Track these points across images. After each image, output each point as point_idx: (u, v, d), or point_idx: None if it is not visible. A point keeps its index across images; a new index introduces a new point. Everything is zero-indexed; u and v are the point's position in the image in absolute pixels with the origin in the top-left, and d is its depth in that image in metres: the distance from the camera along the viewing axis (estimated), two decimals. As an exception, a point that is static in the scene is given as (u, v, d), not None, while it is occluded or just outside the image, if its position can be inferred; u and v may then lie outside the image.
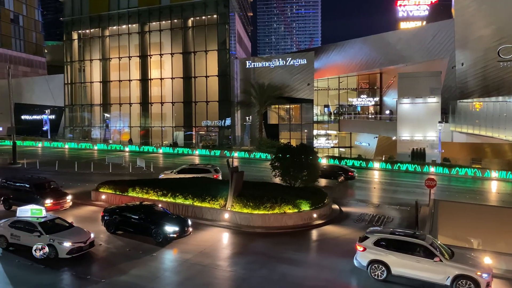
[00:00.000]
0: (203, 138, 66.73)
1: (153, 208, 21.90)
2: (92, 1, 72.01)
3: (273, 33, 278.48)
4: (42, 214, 19.14)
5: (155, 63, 68.34)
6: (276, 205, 23.07)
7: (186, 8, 65.31)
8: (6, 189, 26.45)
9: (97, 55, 72.40)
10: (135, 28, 69.04)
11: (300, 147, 29.05)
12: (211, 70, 64.41)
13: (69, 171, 41.62)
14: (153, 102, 68.64)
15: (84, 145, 66.39)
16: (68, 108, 75.44)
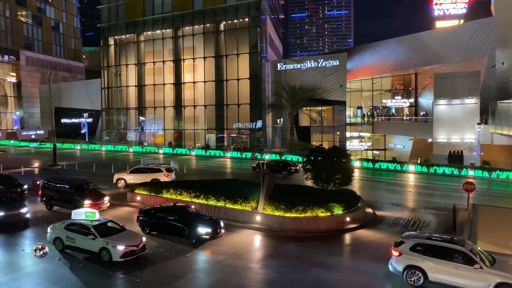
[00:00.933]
0: (234, 141, 67.23)
1: (186, 210, 22.22)
2: (127, 8, 74.14)
3: (304, 35, 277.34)
4: (96, 217, 19.31)
5: (188, 67, 69.52)
6: (308, 208, 22.91)
7: (218, 12, 66.10)
8: (48, 190, 27.54)
9: (133, 60, 74.41)
10: (169, 33, 70.49)
11: (333, 149, 28.71)
12: (243, 73, 64.86)
13: (106, 172, 42.83)
14: (186, 105, 69.82)
15: (120, 148, 68.30)
16: (105, 111, 77.86)
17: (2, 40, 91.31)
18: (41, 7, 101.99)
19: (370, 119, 68.63)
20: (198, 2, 67.54)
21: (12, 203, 23.93)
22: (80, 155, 61.90)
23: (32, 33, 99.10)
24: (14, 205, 23.77)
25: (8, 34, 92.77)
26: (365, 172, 45.53)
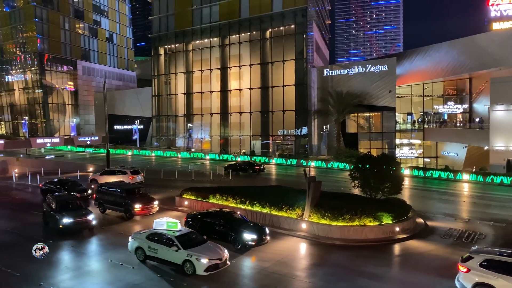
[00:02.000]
0: (279, 147, 67.18)
1: (232, 215, 22.43)
2: (177, 18, 76.56)
3: (351, 40, 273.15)
4: (178, 228, 18.64)
5: (234, 75, 70.54)
6: (355, 217, 22.38)
7: (264, 20, 66.67)
8: (101, 194, 28.82)
9: (182, 68, 76.60)
10: (216, 41, 71.98)
11: (382, 157, 27.92)
12: (288, 80, 64.85)
13: (156, 177, 44.23)
14: (232, 112, 70.78)
15: (169, 153, 70.31)
16: (155, 118, 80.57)
17: (61, 51, 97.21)
18: (97, 20, 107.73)
19: (421, 126, 66.17)
20: (245, 11, 68.52)
21: (80, 210, 24.14)
22: (131, 160, 64.31)
23: (88, 44, 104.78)
24: (82, 212, 23.95)
25: (67, 45, 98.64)
26: (415, 181, 43.88)
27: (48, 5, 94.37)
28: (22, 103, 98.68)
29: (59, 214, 23.26)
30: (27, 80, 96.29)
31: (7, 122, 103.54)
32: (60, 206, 23.93)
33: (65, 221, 22.79)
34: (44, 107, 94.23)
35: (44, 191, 33.76)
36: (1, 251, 20.83)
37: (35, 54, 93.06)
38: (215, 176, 44.49)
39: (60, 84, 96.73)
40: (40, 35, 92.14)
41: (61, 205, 24.06)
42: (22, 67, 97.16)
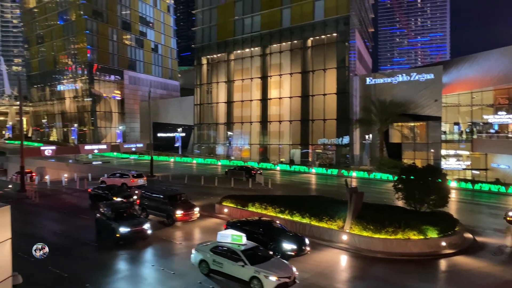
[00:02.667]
0: (319, 156, 66.43)
1: (272, 224, 22.31)
2: (219, 29, 78.05)
3: (395, 48, 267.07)
4: (243, 241, 17.81)
5: (274, 83, 70.77)
6: (399, 230, 21.66)
7: (306, 29, 66.58)
8: (145, 199, 29.59)
9: (223, 77, 77.84)
10: (257, 51, 72.65)
11: (427, 168, 26.94)
12: (330, 88, 64.22)
13: (196, 184, 44.96)
14: (271, 121, 70.91)
15: (210, 161, 71.34)
16: (197, 126, 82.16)
17: (109, 61, 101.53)
18: (143, 31, 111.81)
19: (469, 136, 63.28)
20: (286, 20, 68.77)
21: (135, 219, 23.75)
22: (173, 167, 65.77)
23: (134, 55, 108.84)
24: (138, 220, 23.49)
25: (115, 56, 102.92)
26: (463, 194, 41.95)
27: (98, 18, 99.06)
28: (72, 111, 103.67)
29: (115, 222, 22.77)
30: (77, 89, 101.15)
31: (59, 129, 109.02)
32: (116, 214, 23.50)
33: (122, 230, 22.27)
34: (92, 115, 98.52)
35: (92, 196, 35.16)
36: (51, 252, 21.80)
37: (85, 64, 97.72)
38: (254, 184, 44.60)
39: (107, 93, 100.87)
40: (90, 46, 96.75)
41: (117, 213, 23.61)
42: (73, 76, 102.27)
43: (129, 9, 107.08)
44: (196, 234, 25.68)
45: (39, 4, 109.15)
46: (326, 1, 64.66)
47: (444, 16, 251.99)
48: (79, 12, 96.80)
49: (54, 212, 32.46)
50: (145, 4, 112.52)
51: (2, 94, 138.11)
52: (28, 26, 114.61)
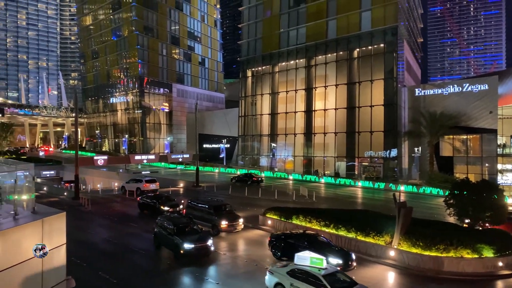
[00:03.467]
0: (366, 169, 64.83)
1: (317, 238, 21.94)
2: (264, 42, 78.93)
3: (446, 58, 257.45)
4: (323, 265, 16.55)
5: (319, 95, 70.28)
6: (451, 248, 20.60)
7: (352, 40, 65.85)
8: (191, 209, 30.16)
9: (267, 89, 78.39)
10: (302, 62, 72.64)
11: (482, 183, 25.58)
12: (377, 100, 62.84)
13: (240, 195, 45.24)
14: (316, 133, 70.29)
15: (254, 172, 71.56)
16: (241, 138, 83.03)
17: (159, 75, 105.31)
18: (191, 45, 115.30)
19: (528, 150, 59.49)
20: (332, 32, 68.39)
21: (198, 234, 22.70)
22: (218, 178, 66.68)
23: (182, 68, 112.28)
24: (201, 236, 22.47)
25: (164, 70, 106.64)
26: (522, 211, 39.25)
27: (149, 33, 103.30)
28: (124, 123, 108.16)
29: (179, 238, 21.75)
30: (128, 102, 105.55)
31: (110, 140, 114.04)
32: (178, 229, 22.49)
33: (187, 247, 21.28)
34: (142, 126, 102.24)
35: (140, 204, 36.33)
36: (102, 259, 22.67)
37: (136, 78, 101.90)
38: (298, 196, 44.22)
39: (156, 105, 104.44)
40: (141, 60, 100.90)
41: (179, 228, 22.59)
42: (124, 90, 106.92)
43: (178, 25, 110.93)
44: (241, 245, 25.75)
45: (95, 22, 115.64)
46: (373, 12, 63.75)
47: (499, 24, 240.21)
48: (131, 28, 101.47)
49: (105, 219, 33.78)
50: (194, 20, 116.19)
51: (60, 107, 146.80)
52: (84, 42, 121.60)
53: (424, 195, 48.73)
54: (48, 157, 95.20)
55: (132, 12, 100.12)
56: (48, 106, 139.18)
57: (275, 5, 77.05)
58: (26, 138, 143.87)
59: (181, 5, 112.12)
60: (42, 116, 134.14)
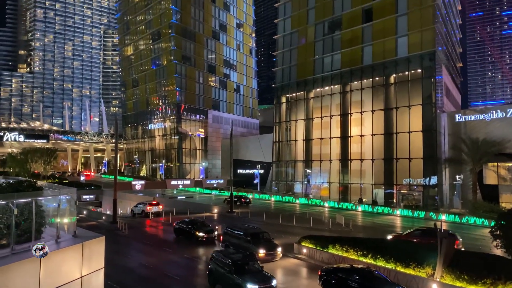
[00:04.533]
0: (405, 198, 62.75)
1: (372, 274, 20.51)
2: (299, 68, 79.54)
3: (487, 83, 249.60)
4: None
5: (355, 121, 69.49)
6: (499, 282, 19.29)
7: (388, 66, 65.22)
8: (228, 236, 29.90)
9: (302, 115, 78.39)
10: (337, 88, 72.44)
11: (531, 214, 24.10)
12: (415, 125, 61.35)
13: (274, 222, 44.74)
14: (352, 159, 69.14)
15: (287, 199, 70.95)
16: (275, 163, 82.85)
17: (195, 102, 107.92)
18: (227, 73, 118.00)
19: None
20: (368, 58, 68.08)
21: (260, 273, 20.87)
22: (252, 204, 66.44)
23: (218, 95, 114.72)
24: (264, 275, 20.69)
25: (200, 97, 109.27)
26: None
27: (187, 62, 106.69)
28: (161, 148, 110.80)
29: (240, 278, 20.00)
30: (166, 128, 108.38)
31: (148, 165, 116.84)
32: (238, 267, 20.80)
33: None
34: (178, 152, 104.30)
35: (176, 230, 36.61)
36: (138, 284, 22.81)
37: (174, 104, 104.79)
38: (334, 224, 43.23)
39: (192, 131, 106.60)
40: (178, 88, 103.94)
41: (239, 266, 20.93)
42: (162, 116, 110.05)
43: (214, 53, 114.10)
44: (278, 275, 24.93)
45: (136, 52, 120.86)
46: (410, 37, 63.10)
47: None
48: (170, 58, 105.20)
49: (141, 244, 34.21)
50: (230, 48, 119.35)
51: (101, 133, 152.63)
52: (126, 71, 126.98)
53: (468, 225, 46.42)
54: (88, 181, 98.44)
55: (171, 42, 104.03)
56: (89, 133, 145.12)
57: (310, 33, 77.91)
58: (68, 163, 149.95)
59: (218, 35, 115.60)
60: (84, 142, 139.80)
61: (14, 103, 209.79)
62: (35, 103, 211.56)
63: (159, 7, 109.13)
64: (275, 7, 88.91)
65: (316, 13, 76.73)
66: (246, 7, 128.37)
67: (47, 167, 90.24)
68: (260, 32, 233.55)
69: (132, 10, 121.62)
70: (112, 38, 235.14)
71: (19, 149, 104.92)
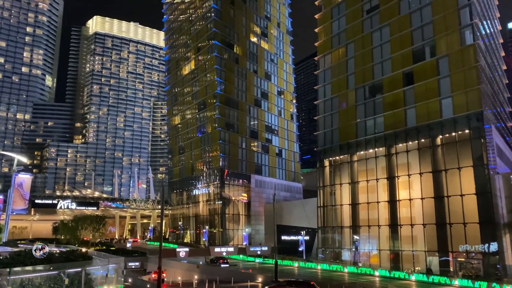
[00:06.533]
0: (462, 266, 58.11)
1: None
2: (341, 132, 79.57)
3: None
4: None
5: (403, 184, 67.18)
6: None
7: (433, 127, 63.86)
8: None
9: (346, 179, 76.97)
10: (381, 151, 71.24)
11: None
12: (467, 188, 58.32)
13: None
14: (402, 224, 65.90)
15: (335, 267, 67.64)
16: (321, 229, 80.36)
17: (238, 167, 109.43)
18: (269, 138, 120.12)
19: None
20: (411, 120, 67.15)
21: None
22: (297, 273, 63.84)
23: (260, 160, 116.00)
24: None
25: (243, 162, 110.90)
26: None
27: (230, 129, 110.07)
28: (204, 214, 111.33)
29: None
30: (210, 193, 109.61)
31: (192, 231, 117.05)
32: None
33: None
34: (222, 218, 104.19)
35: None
36: None
37: (217, 170, 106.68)
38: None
39: (235, 196, 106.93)
40: (222, 154, 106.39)
41: None
42: (206, 182, 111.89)
43: (256, 120, 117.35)
44: None
45: (182, 121, 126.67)
46: (454, 99, 62.12)
47: None
48: (214, 125, 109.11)
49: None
50: (271, 114, 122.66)
51: (148, 199, 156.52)
52: (173, 139, 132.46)
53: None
54: (134, 248, 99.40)
55: (216, 110, 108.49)
56: (137, 199, 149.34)
57: (350, 97, 78.76)
58: (116, 229, 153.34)
59: (260, 102, 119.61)
60: (132, 209, 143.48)
61: (68, 172, 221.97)
62: (88, 172, 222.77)
63: (205, 79, 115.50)
64: (315, 75, 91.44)
65: (356, 78, 78.03)
66: (286, 76, 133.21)
67: (96, 234, 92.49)
68: (300, 98, 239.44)
69: (180, 83, 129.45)
70: (161, 109, 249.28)
71: (70, 216, 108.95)
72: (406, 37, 69.97)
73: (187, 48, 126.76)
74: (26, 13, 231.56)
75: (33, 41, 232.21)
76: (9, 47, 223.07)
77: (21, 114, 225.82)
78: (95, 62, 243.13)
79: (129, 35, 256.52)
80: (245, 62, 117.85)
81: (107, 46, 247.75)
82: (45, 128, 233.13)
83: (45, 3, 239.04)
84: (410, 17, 69.96)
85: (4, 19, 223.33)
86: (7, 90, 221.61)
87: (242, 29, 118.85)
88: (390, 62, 72.03)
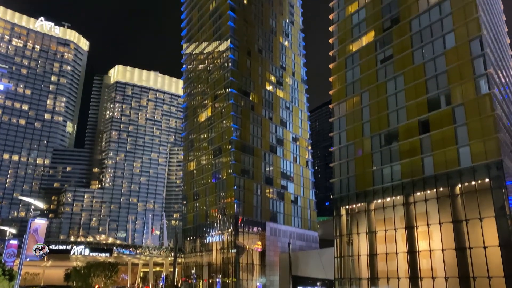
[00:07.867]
0: (491, 324, 54.80)
1: None
2: (357, 179, 78.58)
3: None
4: None
5: (422, 234, 65.08)
6: None
7: (452, 176, 62.67)
8: None
9: (364, 228, 75.00)
10: (399, 200, 69.77)
11: None
12: (490, 240, 56.09)
13: None
14: (423, 277, 63.13)
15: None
16: (338, 281, 77.40)
17: (253, 214, 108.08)
18: (284, 185, 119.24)
19: None
20: (429, 168, 66.14)
21: None
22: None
23: (275, 207, 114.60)
24: None
25: (258, 209, 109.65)
26: None
27: (245, 175, 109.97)
28: (218, 263, 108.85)
29: None
30: (223, 241, 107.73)
31: (205, 281, 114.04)
32: None
33: None
34: (235, 267, 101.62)
35: None
36: None
37: (232, 217, 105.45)
38: None
39: (250, 245, 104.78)
40: (237, 200, 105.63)
41: None
42: (220, 229, 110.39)
43: (271, 166, 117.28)
44: None
45: (198, 166, 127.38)
46: (472, 147, 61.29)
47: None
48: (229, 171, 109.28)
49: None
50: (286, 161, 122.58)
51: (161, 247, 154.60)
52: (188, 185, 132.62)
53: None
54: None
55: (231, 156, 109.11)
56: (150, 246, 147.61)
57: (366, 145, 78.48)
58: (128, 277, 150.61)
59: (275, 148, 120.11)
60: (144, 256, 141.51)
61: (83, 217, 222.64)
62: (103, 217, 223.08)
63: (221, 126, 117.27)
64: (330, 121, 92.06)
65: (372, 126, 78.10)
66: (301, 123, 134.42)
67: (108, 281, 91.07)
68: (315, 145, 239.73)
69: (197, 129, 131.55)
70: (177, 154, 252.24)
71: (83, 263, 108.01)
72: (421, 86, 70.54)
73: (205, 96, 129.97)
74: (52, 63, 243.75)
75: (56, 89, 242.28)
76: (33, 95, 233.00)
77: (41, 159, 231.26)
78: (115, 109, 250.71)
79: (149, 84, 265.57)
80: (261, 109, 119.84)
81: (127, 94, 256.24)
82: (63, 173, 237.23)
83: (70, 54, 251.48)
84: (424, 67, 70.87)
85: (31, 69, 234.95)
86: (29, 136, 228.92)
87: (258, 78, 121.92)
88: (405, 110, 72.20)
